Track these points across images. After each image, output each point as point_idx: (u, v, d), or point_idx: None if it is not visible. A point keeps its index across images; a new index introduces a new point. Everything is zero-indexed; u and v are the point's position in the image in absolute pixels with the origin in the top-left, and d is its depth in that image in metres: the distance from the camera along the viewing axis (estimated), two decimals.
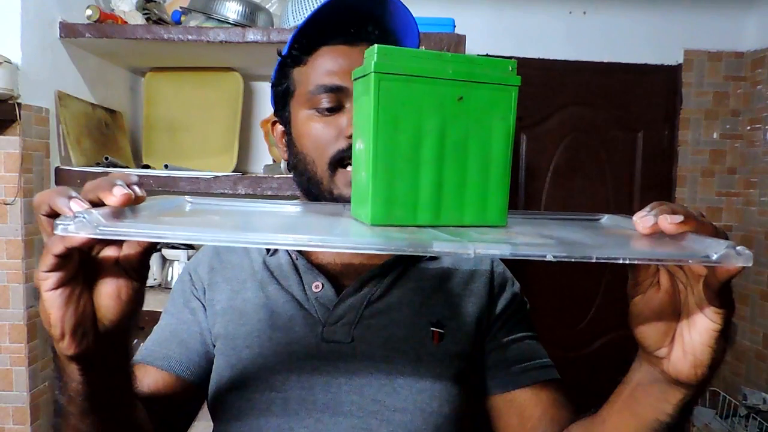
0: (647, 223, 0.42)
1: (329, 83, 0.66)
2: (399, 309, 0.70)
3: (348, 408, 0.64)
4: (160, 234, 0.37)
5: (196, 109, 1.77)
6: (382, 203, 0.43)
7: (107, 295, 0.44)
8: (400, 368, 0.66)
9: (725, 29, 2.19)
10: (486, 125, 0.45)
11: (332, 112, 0.67)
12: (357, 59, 0.64)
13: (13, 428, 1.32)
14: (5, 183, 1.28)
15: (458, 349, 0.69)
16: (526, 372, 0.70)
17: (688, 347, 0.44)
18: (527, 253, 0.37)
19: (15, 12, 1.28)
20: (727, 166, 2.22)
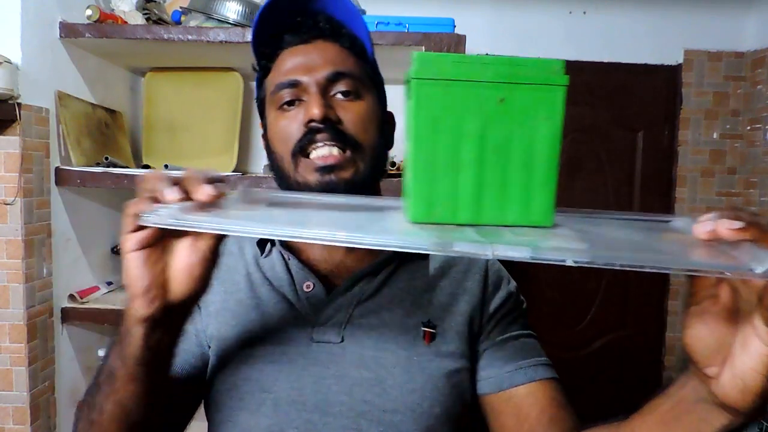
0: (705, 228, 0.39)
1: (285, 80, 0.69)
2: (389, 309, 0.70)
3: (338, 409, 0.64)
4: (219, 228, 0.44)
5: (196, 109, 1.77)
6: (423, 202, 0.45)
7: (180, 269, 0.50)
8: (390, 369, 0.66)
9: (725, 29, 2.19)
10: (530, 126, 0.45)
11: (292, 106, 0.70)
12: (311, 54, 0.70)
13: (13, 428, 1.32)
14: (5, 183, 1.28)
15: (450, 348, 0.69)
16: (522, 370, 0.69)
17: (738, 370, 0.41)
18: (547, 257, 0.37)
19: (15, 12, 1.28)
20: (727, 166, 2.22)
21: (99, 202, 1.67)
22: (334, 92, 0.69)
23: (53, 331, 1.43)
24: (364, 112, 0.70)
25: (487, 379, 0.70)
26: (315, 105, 0.66)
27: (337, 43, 0.72)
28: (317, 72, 0.69)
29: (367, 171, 0.70)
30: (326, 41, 0.71)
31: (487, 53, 2.14)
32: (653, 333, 2.26)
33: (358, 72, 0.72)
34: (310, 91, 0.68)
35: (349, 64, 0.71)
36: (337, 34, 0.72)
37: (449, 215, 0.45)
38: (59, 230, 1.45)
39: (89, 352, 1.57)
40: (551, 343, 2.22)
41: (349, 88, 0.70)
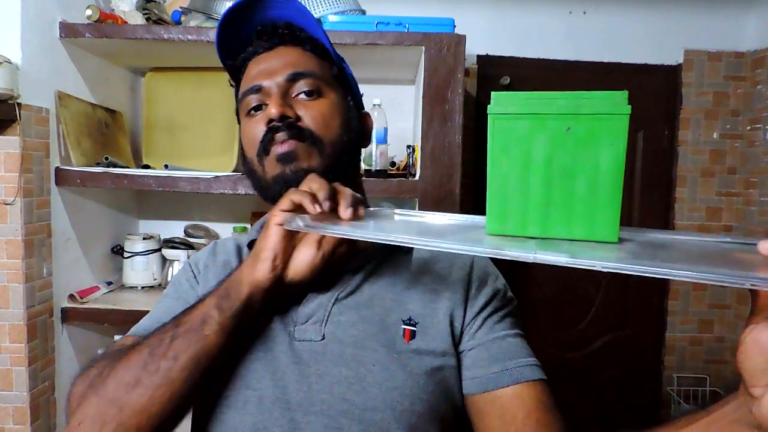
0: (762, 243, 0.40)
1: (249, 86, 0.73)
2: (369, 306, 0.70)
3: (319, 407, 0.64)
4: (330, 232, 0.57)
5: (196, 109, 1.77)
6: (497, 217, 0.52)
7: (303, 258, 0.63)
8: (369, 366, 0.66)
9: (725, 29, 2.19)
10: (594, 151, 0.50)
11: (258, 111, 0.73)
12: (273, 60, 0.73)
13: (13, 428, 1.32)
14: (5, 183, 1.29)
15: (431, 346, 0.68)
16: (508, 371, 0.68)
17: None
18: (581, 262, 0.42)
19: (15, 12, 1.29)
20: (727, 166, 2.22)
21: (99, 202, 1.67)
22: (295, 93, 0.72)
23: (53, 331, 1.43)
24: (325, 108, 0.72)
25: (472, 379, 0.69)
26: (273, 105, 0.69)
27: (299, 47, 0.75)
28: (277, 75, 0.72)
29: (329, 162, 0.71)
30: (287, 47, 0.74)
31: (487, 54, 2.14)
32: (653, 333, 2.26)
33: (320, 71, 0.74)
34: (272, 93, 0.71)
35: (311, 65, 0.73)
36: (296, 38, 0.75)
37: (520, 229, 0.52)
38: (59, 230, 1.45)
39: (89, 352, 1.57)
40: (551, 343, 2.23)
41: (310, 87, 0.72)
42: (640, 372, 2.28)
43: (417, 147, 1.48)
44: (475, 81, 2.13)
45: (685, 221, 2.23)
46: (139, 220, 1.96)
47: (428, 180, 1.41)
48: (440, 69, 1.40)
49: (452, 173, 1.41)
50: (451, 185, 1.41)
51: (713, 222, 2.23)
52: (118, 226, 1.80)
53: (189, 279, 0.80)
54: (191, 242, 1.74)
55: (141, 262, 1.70)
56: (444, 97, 1.40)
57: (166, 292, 0.81)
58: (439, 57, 1.40)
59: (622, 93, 0.52)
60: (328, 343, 0.67)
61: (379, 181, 1.43)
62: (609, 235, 0.50)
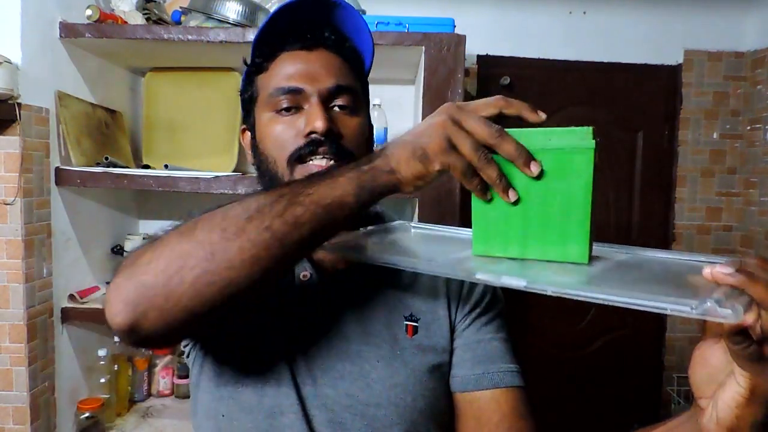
0: (708, 269, 0.43)
1: (287, 85, 0.68)
2: (374, 303, 0.71)
3: (323, 401, 0.65)
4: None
5: (196, 109, 1.77)
6: (481, 240, 0.57)
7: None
8: (373, 363, 0.67)
9: (725, 29, 2.19)
10: (564, 182, 0.54)
11: (291, 113, 0.69)
12: (314, 63, 0.69)
13: (13, 428, 1.32)
14: (5, 183, 1.29)
15: (432, 342, 0.70)
16: (489, 375, 0.69)
17: (717, 405, 0.45)
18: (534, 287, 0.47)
19: (15, 12, 1.28)
20: (727, 166, 2.22)
21: (99, 202, 1.67)
22: (333, 104, 0.69)
23: (53, 331, 1.43)
24: (360, 127, 0.71)
25: (453, 377, 0.71)
26: (319, 117, 0.66)
27: (339, 56, 0.71)
28: (320, 82, 0.68)
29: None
30: (329, 51, 0.71)
31: (487, 54, 2.14)
32: (653, 333, 2.26)
33: (357, 87, 0.72)
34: (312, 101, 0.68)
35: (350, 78, 0.71)
36: (340, 46, 0.72)
37: (502, 250, 0.56)
38: (59, 230, 1.45)
39: (89, 352, 1.57)
40: (551, 343, 2.23)
41: (350, 103, 0.70)
42: (640, 372, 2.28)
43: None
44: (475, 81, 2.13)
45: (685, 221, 2.23)
46: (139, 220, 1.96)
47: None
48: (440, 69, 1.40)
49: None
50: (451, 185, 1.41)
51: (713, 222, 2.23)
52: (118, 226, 1.80)
53: None
54: None
55: None
56: (444, 97, 1.40)
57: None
58: (439, 57, 1.40)
59: (588, 129, 0.56)
60: (334, 338, 0.68)
61: None
62: (580, 256, 0.53)
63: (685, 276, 0.50)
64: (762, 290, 0.40)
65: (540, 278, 0.49)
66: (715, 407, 0.45)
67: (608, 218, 2.26)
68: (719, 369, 0.45)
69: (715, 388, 0.46)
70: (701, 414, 0.47)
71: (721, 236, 2.23)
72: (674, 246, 2.22)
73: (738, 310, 0.38)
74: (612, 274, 0.53)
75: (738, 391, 0.43)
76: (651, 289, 0.45)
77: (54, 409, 1.42)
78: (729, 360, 0.44)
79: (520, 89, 2.18)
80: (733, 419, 0.43)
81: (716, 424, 0.45)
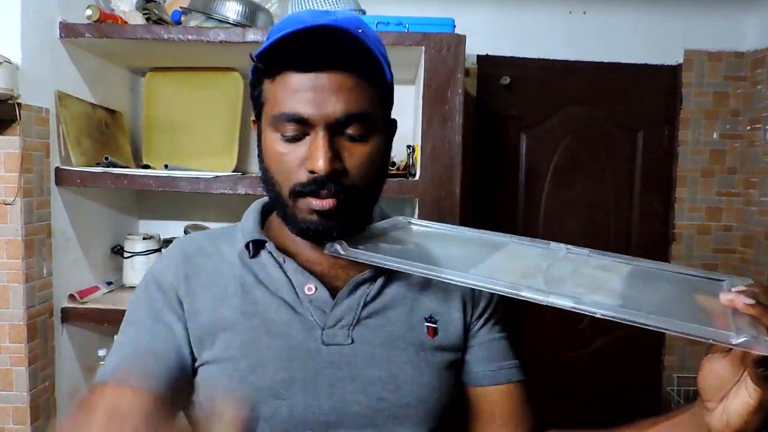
0: (728, 296, 0.53)
1: (293, 113, 0.63)
2: (393, 307, 0.72)
3: (355, 408, 0.66)
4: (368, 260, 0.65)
5: (196, 109, 1.77)
6: None
7: None
8: (401, 365, 0.68)
9: (725, 29, 2.19)
10: None
11: (295, 141, 0.65)
12: (325, 85, 0.62)
13: (13, 428, 1.32)
14: (5, 183, 1.29)
15: (450, 341, 0.73)
16: (503, 371, 0.76)
17: (727, 409, 0.54)
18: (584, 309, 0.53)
19: (15, 12, 1.28)
20: (727, 166, 2.22)
21: (99, 202, 1.67)
22: (342, 131, 0.65)
23: (53, 331, 1.43)
24: (370, 155, 0.67)
25: (469, 373, 0.76)
26: (321, 157, 0.62)
27: (354, 74, 0.64)
28: (328, 110, 0.63)
29: (360, 212, 0.71)
30: (342, 72, 0.63)
31: (487, 54, 2.14)
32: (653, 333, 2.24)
33: (372, 108, 0.66)
34: (318, 132, 0.63)
35: (363, 101, 0.65)
36: (356, 63, 0.64)
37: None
38: (59, 230, 1.45)
39: (89, 352, 1.57)
40: (551, 343, 2.23)
41: (360, 132, 0.65)
42: (640, 372, 2.28)
43: (417, 147, 1.48)
44: (475, 81, 2.12)
45: (685, 221, 2.23)
46: (139, 220, 1.96)
47: (428, 180, 1.41)
48: (440, 69, 1.40)
49: (452, 173, 1.41)
50: (451, 185, 1.41)
51: (713, 222, 2.23)
52: (118, 226, 1.80)
53: (154, 304, 0.71)
54: None
55: (141, 262, 1.70)
56: (444, 97, 1.40)
57: (130, 318, 0.72)
58: (439, 57, 1.40)
59: None
60: (358, 346, 0.68)
61: None
62: None
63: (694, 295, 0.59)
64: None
65: (585, 299, 0.54)
66: (726, 412, 0.54)
67: (608, 218, 2.26)
68: (727, 379, 0.55)
69: (723, 395, 0.55)
70: (709, 414, 0.56)
71: (721, 236, 2.22)
72: (674, 246, 2.22)
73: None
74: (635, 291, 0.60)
75: (749, 402, 0.52)
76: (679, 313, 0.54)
77: (54, 409, 1.42)
78: (735, 372, 0.54)
79: (520, 89, 2.18)
80: (742, 424, 0.53)
81: (726, 425, 0.54)
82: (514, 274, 0.61)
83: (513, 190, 2.24)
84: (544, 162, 2.22)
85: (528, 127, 2.20)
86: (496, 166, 2.21)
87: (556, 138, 2.21)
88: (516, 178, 2.23)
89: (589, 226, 2.23)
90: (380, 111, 0.69)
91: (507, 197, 2.24)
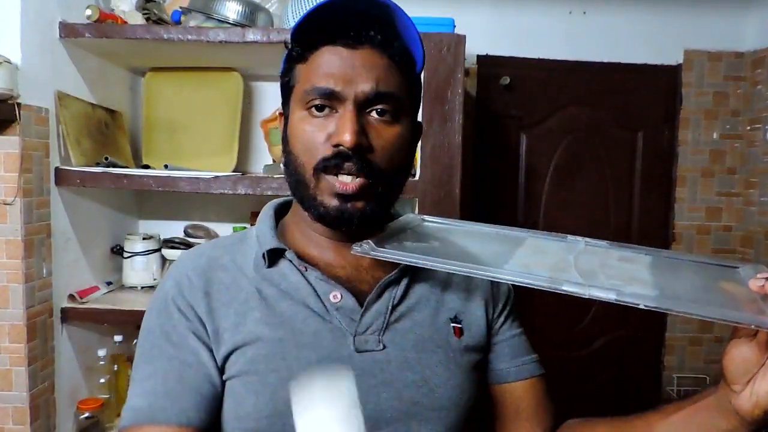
0: (758, 283, 0.55)
1: (324, 86, 0.64)
2: (419, 309, 0.71)
3: (390, 414, 0.65)
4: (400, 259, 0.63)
5: (196, 109, 1.76)
6: None
7: None
8: (433, 368, 0.68)
9: (725, 29, 2.19)
10: None
11: (324, 114, 0.65)
12: (357, 62, 0.64)
13: (13, 428, 1.32)
14: (5, 183, 1.28)
15: (475, 341, 0.74)
16: (526, 366, 0.77)
17: (756, 390, 0.55)
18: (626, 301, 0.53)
19: (15, 12, 1.28)
20: (727, 166, 2.22)
21: (99, 202, 1.67)
22: (370, 109, 0.65)
23: (53, 331, 1.43)
24: (396, 138, 0.66)
25: (493, 371, 0.77)
26: (348, 130, 0.62)
27: (386, 55, 0.65)
28: (358, 86, 0.63)
29: (382, 201, 0.68)
30: (374, 50, 0.65)
31: (487, 54, 2.14)
32: (653, 333, 2.26)
33: (401, 92, 0.67)
34: (346, 107, 0.63)
35: (393, 82, 0.65)
36: (388, 45, 0.65)
37: None
38: (59, 230, 1.45)
39: (89, 352, 1.57)
40: (551, 342, 2.23)
41: (388, 110, 0.65)
42: (640, 372, 2.28)
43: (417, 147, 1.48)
44: (475, 81, 2.12)
45: (685, 221, 2.23)
46: (139, 220, 1.96)
47: (428, 180, 1.41)
48: (440, 69, 1.40)
49: (452, 173, 1.41)
50: (451, 185, 1.41)
51: (713, 222, 2.23)
52: (118, 226, 1.80)
53: (176, 328, 0.66)
54: (191, 242, 1.74)
55: (141, 262, 1.70)
56: (444, 97, 1.40)
57: (152, 349, 0.67)
58: (439, 57, 1.40)
59: None
60: (390, 351, 0.67)
61: None
62: None
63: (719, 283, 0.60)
64: None
65: (625, 290, 0.54)
66: (755, 394, 0.55)
67: (608, 218, 2.26)
68: (753, 363, 0.55)
69: (749, 378, 0.55)
70: (736, 396, 0.56)
71: (721, 236, 2.22)
72: (674, 246, 2.22)
73: None
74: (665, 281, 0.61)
75: None
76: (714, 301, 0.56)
77: (54, 409, 1.42)
78: (762, 355, 0.55)
79: (520, 89, 2.18)
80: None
81: (755, 406, 0.55)
82: (546, 268, 0.61)
83: (513, 190, 2.24)
84: (544, 162, 2.22)
85: (528, 127, 2.20)
86: (496, 166, 2.21)
87: (556, 138, 2.21)
88: (516, 177, 2.23)
89: (589, 226, 2.23)
90: (408, 99, 0.69)
91: (507, 197, 2.24)
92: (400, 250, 0.63)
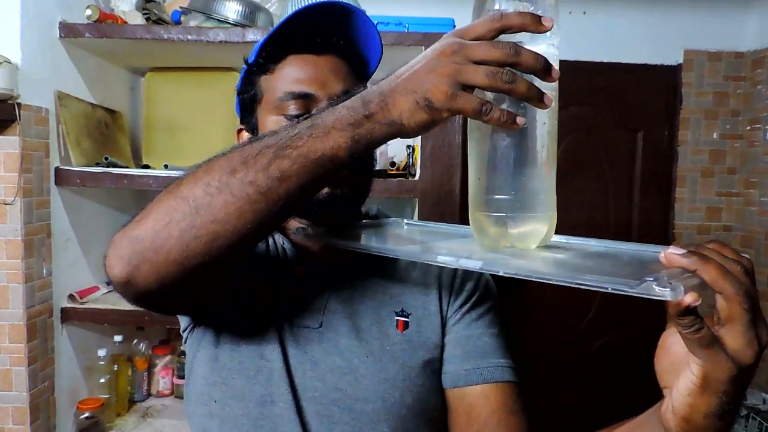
0: (663, 251, 0.42)
1: (297, 90, 0.68)
2: (364, 297, 0.71)
3: (312, 394, 0.66)
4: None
5: (196, 109, 1.76)
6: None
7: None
8: (363, 358, 0.67)
9: (725, 29, 2.19)
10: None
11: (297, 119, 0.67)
12: (323, 68, 0.69)
13: (13, 428, 1.32)
14: (5, 183, 1.29)
15: (423, 338, 0.70)
16: (479, 370, 0.69)
17: (673, 393, 0.43)
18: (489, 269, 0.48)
19: (15, 12, 1.28)
20: (727, 166, 2.22)
21: (99, 202, 1.67)
22: None
23: (53, 331, 1.43)
24: None
25: (444, 373, 0.71)
26: None
27: (345, 60, 0.71)
28: (329, 88, 0.68)
29: (357, 190, 0.71)
30: (337, 57, 0.71)
31: None
32: (653, 333, 2.24)
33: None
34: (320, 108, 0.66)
35: (353, 84, 0.71)
36: (347, 51, 0.71)
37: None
38: (59, 230, 1.45)
39: (89, 352, 1.57)
40: (551, 343, 2.23)
41: None
42: (640, 372, 2.27)
43: (417, 147, 1.48)
44: None
45: (685, 221, 2.23)
46: None
47: (428, 180, 1.41)
48: None
49: (452, 173, 1.41)
50: (451, 185, 1.41)
51: (713, 222, 2.23)
52: (118, 226, 1.79)
53: None
54: None
55: None
56: None
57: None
58: None
59: None
60: (325, 332, 0.69)
61: (379, 181, 1.43)
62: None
63: (650, 264, 0.49)
64: (713, 272, 0.39)
65: (497, 262, 0.49)
66: (670, 396, 0.43)
67: (608, 218, 2.26)
68: (680, 357, 0.43)
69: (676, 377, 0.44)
70: (661, 403, 0.45)
71: (721, 236, 2.22)
72: None
73: (677, 288, 0.37)
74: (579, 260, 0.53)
75: (691, 380, 0.41)
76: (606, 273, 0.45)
77: (54, 409, 1.42)
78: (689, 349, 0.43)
79: None
80: (686, 408, 0.42)
81: (672, 413, 0.43)
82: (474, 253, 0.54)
83: None
84: None
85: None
86: None
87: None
88: None
89: (589, 226, 2.23)
90: None
91: None
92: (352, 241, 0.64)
